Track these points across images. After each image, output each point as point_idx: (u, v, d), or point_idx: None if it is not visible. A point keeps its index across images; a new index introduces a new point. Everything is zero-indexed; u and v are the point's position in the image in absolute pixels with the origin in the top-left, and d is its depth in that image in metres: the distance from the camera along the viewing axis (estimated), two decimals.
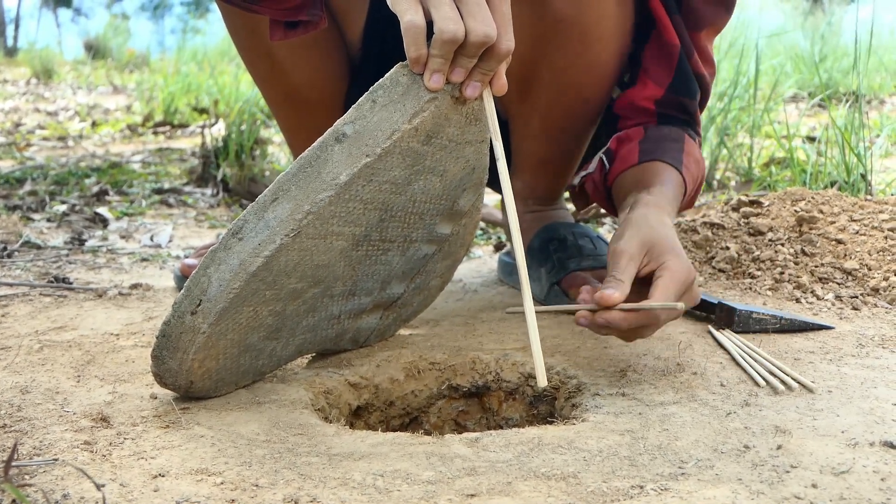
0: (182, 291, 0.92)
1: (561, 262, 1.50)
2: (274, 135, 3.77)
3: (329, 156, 0.91)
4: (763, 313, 1.29)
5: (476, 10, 0.90)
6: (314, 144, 0.92)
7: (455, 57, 0.92)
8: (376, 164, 0.92)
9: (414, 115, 0.92)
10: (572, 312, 1.05)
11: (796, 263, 1.54)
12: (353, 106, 0.92)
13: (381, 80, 0.93)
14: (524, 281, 0.95)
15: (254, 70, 1.57)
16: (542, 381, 0.92)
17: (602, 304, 0.99)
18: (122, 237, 2.16)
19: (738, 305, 1.30)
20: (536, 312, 0.94)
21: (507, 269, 1.68)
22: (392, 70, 0.94)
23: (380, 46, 1.54)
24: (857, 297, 1.43)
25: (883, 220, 1.61)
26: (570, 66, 1.35)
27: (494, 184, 1.35)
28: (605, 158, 1.37)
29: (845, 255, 1.53)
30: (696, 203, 2.44)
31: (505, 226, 1.68)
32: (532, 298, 0.95)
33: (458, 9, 0.90)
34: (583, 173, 1.41)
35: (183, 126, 4.59)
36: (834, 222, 1.62)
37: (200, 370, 0.97)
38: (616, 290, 0.99)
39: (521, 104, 1.45)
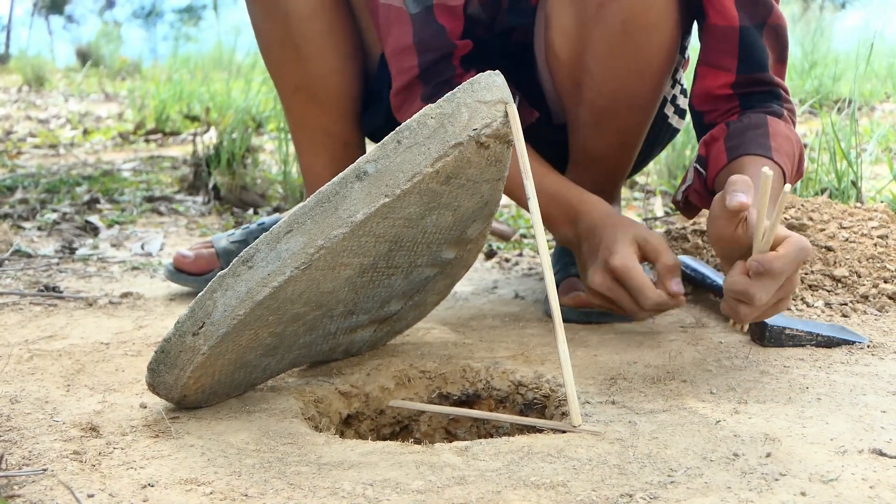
0: (186, 311, 0.93)
1: (566, 266, 1.50)
2: (266, 142, 3.77)
3: (348, 192, 0.90)
4: (797, 329, 1.23)
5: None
6: (335, 179, 0.91)
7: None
8: (394, 203, 0.92)
9: (437, 158, 0.91)
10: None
11: None
12: (378, 144, 0.91)
13: (408, 120, 0.92)
14: (558, 323, 0.96)
15: (267, 56, 1.56)
16: (576, 420, 0.95)
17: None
18: (113, 245, 2.15)
19: (770, 320, 1.23)
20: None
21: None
22: (420, 111, 0.93)
23: None
24: (846, 305, 1.43)
25: (872, 228, 1.62)
26: (611, 53, 1.32)
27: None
28: (698, 167, 1.36)
29: (835, 262, 1.53)
30: None
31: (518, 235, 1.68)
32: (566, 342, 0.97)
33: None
34: (683, 187, 1.39)
35: (174, 134, 4.58)
36: (823, 230, 1.62)
37: (195, 386, 0.97)
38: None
39: (571, 94, 1.43)
